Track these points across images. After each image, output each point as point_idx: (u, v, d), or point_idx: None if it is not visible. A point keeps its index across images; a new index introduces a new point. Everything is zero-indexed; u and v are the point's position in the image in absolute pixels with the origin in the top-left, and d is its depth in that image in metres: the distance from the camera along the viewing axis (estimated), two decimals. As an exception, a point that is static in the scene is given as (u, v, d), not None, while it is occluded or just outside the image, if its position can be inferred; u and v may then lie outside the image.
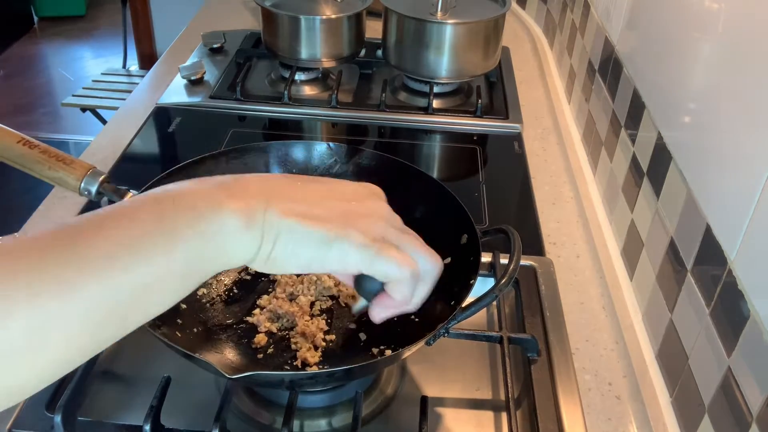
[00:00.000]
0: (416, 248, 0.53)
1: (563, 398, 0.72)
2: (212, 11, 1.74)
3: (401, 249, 0.52)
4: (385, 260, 0.50)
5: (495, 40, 1.29)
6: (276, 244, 0.47)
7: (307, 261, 0.48)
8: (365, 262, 0.50)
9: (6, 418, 0.67)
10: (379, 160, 0.86)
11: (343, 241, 0.49)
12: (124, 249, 0.41)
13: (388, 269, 0.51)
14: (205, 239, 0.44)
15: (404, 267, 0.51)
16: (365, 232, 0.50)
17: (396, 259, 0.50)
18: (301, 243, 0.48)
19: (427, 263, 0.54)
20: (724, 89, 0.70)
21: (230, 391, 0.67)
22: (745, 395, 0.59)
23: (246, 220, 0.46)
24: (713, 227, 0.68)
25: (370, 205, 0.54)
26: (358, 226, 0.50)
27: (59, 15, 4.47)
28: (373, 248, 0.49)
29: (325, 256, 0.49)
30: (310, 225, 0.48)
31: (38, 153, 0.65)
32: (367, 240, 0.49)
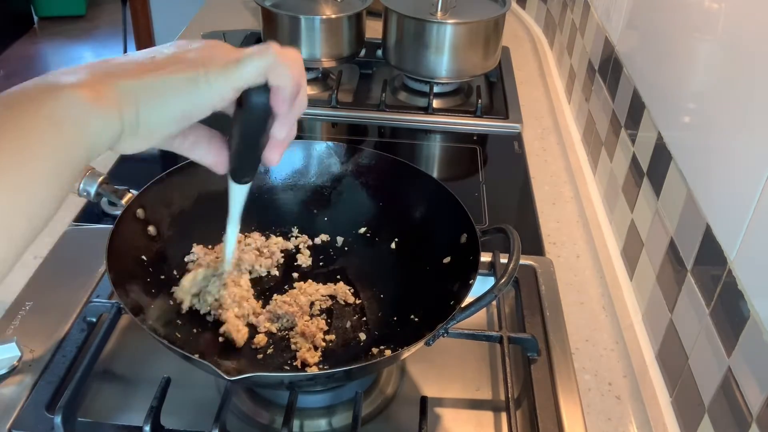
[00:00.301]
0: (263, 46, 0.52)
1: (563, 398, 0.72)
2: (212, 11, 1.74)
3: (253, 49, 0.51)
4: (247, 61, 0.49)
5: (495, 40, 1.29)
6: (140, 107, 0.45)
7: (180, 109, 0.47)
8: (233, 76, 0.49)
9: (6, 419, 0.67)
10: (379, 160, 0.86)
11: (207, 69, 0.48)
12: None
13: (255, 64, 0.49)
14: (57, 126, 0.41)
15: (265, 53, 0.50)
16: (220, 58, 0.49)
17: (254, 55, 0.50)
18: (166, 91, 0.46)
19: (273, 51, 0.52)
20: (724, 89, 0.70)
21: (230, 392, 0.67)
22: (745, 395, 0.59)
23: (91, 91, 0.43)
24: (713, 227, 0.68)
25: (211, 43, 0.51)
26: (210, 56, 0.49)
27: (59, 15, 4.47)
28: (232, 62, 0.49)
29: (196, 94, 0.47)
30: (168, 72, 0.46)
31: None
32: (224, 61, 0.49)
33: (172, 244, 0.78)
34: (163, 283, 0.75)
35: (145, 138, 0.47)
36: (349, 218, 0.87)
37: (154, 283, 0.74)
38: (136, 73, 0.46)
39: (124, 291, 0.66)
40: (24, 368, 0.72)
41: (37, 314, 0.79)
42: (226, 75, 0.48)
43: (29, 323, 0.77)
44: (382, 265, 0.84)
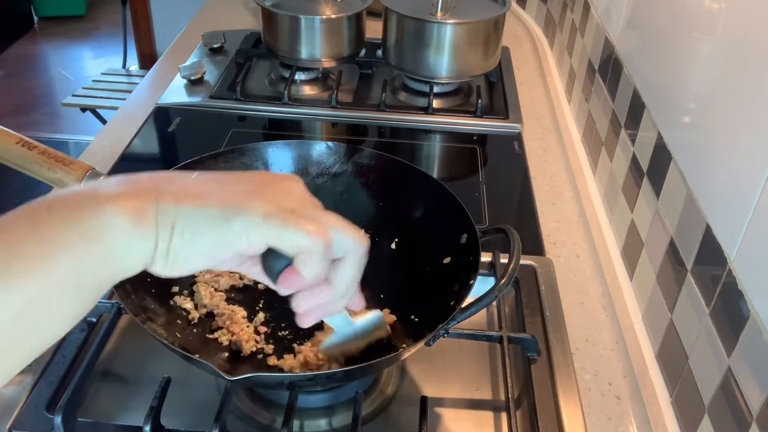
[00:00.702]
0: (334, 223, 0.48)
1: (563, 398, 0.72)
2: (212, 11, 1.74)
3: (315, 221, 0.46)
4: (294, 228, 0.44)
5: (495, 40, 1.29)
6: (173, 235, 0.42)
7: (209, 245, 0.43)
8: (270, 232, 0.44)
9: (6, 419, 0.67)
10: (378, 160, 0.86)
11: (246, 212, 0.43)
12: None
13: (297, 238, 0.45)
14: (90, 241, 0.39)
15: (315, 237, 0.45)
16: (271, 202, 0.45)
17: (306, 228, 0.45)
18: (199, 225, 0.43)
19: (347, 238, 0.48)
20: (724, 89, 0.70)
21: (230, 392, 0.67)
22: (745, 395, 0.59)
23: (135, 214, 0.41)
24: (713, 227, 0.68)
25: (281, 183, 0.48)
26: (263, 196, 0.45)
27: (59, 15, 4.47)
28: (280, 217, 0.44)
29: (227, 234, 0.43)
30: (206, 203, 0.43)
31: (37, 154, 0.65)
32: (272, 209, 0.44)
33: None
34: (163, 283, 0.75)
35: (173, 269, 0.43)
36: (349, 218, 0.86)
37: (154, 282, 0.74)
38: (179, 194, 0.43)
39: (124, 291, 0.66)
40: (24, 368, 0.72)
41: (37, 314, 0.78)
42: (262, 228, 0.44)
43: (29, 323, 0.77)
44: (382, 265, 0.84)
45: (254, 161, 0.85)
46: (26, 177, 0.70)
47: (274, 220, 0.44)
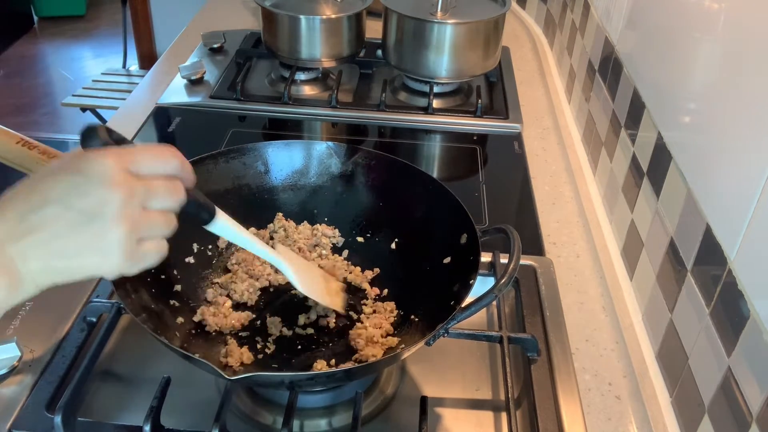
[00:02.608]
0: (162, 201, 0.52)
1: (563, 398, 0.72)
2: (212, 11, 1.74)
3: (149, 228, 0.51)
4: (143, 263, 0.52)
5: (495, 40, 1.29)
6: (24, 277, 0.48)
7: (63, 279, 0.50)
8: (129, 270, 0.51)
9: (6, 418, 0.67)
10: (378, 160, 0.86)
11: (98, 269, 0.50)
12: None
13: (150, 261, 0.52)
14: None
15: (162, 249, 0.53)
16: (111, 253, 0.50)
17: (151, 254, 0.52)
18: (57, 276, 0.49)
19: (172, 203, 0.53)
20: (723, 89, 0.70)
21: (230, 392, 0.67)
22: (745, 395, 0.59)
23: (11, 287, 0.47)
24: (713, 227, 0.68)
25: (99, 206, 0.50)
26: (102, 248, 0.49)
27: (59, 15, 4.47)
28: (126, 264, 0.50)
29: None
30: (56, 263, 0.49)
31: (37, 153, 0.65)
32: (114, 263, 0.50)
33: (172, 243, 0.78)
34: (163, 283, 0.75)
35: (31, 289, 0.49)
36: (349, 218, 0.87)
37: (154, 282, 0.74)
38: (45, 254, 0.48)
39: (124, 291, 0.66)
40: (24, 368, 0.72)
41: (37, 314, 0.79)
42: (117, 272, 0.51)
43: (29, 323, 0.77)
44: (382, 265, 0.84)
45: (254, 161, 0.85)
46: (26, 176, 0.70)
47: (124, 265, 0.51)
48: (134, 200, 0.49)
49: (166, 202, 0.52)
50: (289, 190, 0.87)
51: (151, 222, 0.51)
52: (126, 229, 0.49)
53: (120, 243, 0.49)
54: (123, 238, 0.49)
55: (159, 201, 0.52)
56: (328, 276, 0.79)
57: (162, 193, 0.52)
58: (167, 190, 0.52)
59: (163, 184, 0.52)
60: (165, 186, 0.52)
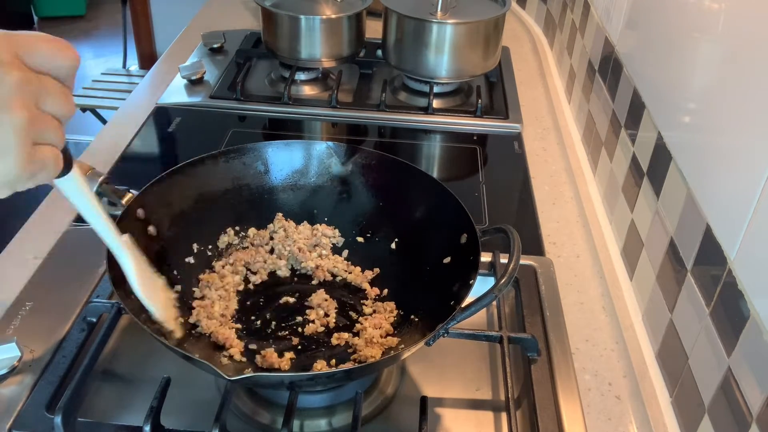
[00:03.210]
0: (56, 104, 0.45)
1: (563, 398, 0.72)
2: (212, 11, 1.74)
3: (45, 130, 0.45)
4: (42, 171, 0.45)
5: (495, 40, 1.29)
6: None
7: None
8: (24, 181, 0.45)
9: (6, 419, 0.67)
10: (378, 160, 0.86)
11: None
12: None
13: (48, 172, 0.46)
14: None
15: (58, 160, 0.46)
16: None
17: (50, 163, 0.45)
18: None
19: (65, 109, 0.46)
20: (724, 89, 0.70)
21: (230, 392, 0.67)
22: (745, 395, 0.59)
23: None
24: (713, 227, 0.68)
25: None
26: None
27: (59, 15, 4.47)
28: (24, 168, 0.43)
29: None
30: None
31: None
32: (10, 164, 0.43)
33: (172, 244, 0.78)
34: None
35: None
36: (349, 218, 0.87)
37: (154, 283, 0.74)
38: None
39: (124, 291, 0.66)
40: (24, 368, 0.72)
41: (37, 314, 0.79)
42: (14, 184, 0.45)
43: (29, 323, 0.77)
44: (382, 265, 0.84)
45: (254, 161, 0.85)
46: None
47: (21, 176, 0.44)
48: (28, 87, 0.42)
49: (59, 107, 0.45)
50: (289, 190, 0.87)
51: (47, 123, 0.44)
52: (22, 117, 0.42)
53: (16, 133, 0.42)
54: (19, 127, 0.42)
55: (53, 102, 0.45)
56: (166, 287, 0.71)
57: (56, 93, 0.45)
58: (62, 92, 0.45)
59: (57, 84, 0.45)
60: (59, 87, 0.45)
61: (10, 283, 0.83)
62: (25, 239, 0.92)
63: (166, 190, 0.78)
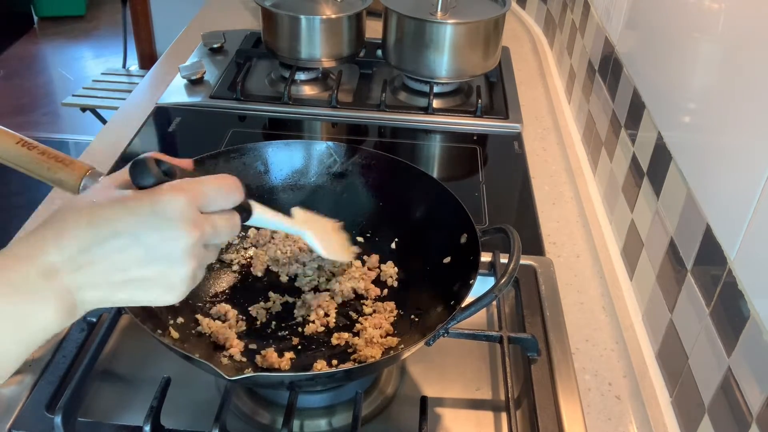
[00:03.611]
0: (223, 239, 0.54)
1: (563, 398, 0.72)
2: (212, 11, 1.74)
3: (206, 262, 0.53)
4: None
5: (495, 40, 1.29)
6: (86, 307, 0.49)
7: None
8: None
9: (6, 419, 0.67)
10: (379, 160, 0.86)
11: (157, 301, 0.51)
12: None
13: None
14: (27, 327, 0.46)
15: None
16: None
17: (199, 279, 0.53)
18: (112, 305, 0.50)
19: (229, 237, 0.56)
20: (724, 89, 0.70)
21: (230, 392, 0.67)
22: (745, 395, 0.59)
23: (61, 309, 0.47)
24: (713, 227, 0.68)
25: (170, 244, 0.50)
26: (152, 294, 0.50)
27: (59, 15, 4.47)
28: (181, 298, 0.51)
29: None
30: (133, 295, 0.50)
31: (37, 154, 0.65)
32: (174, 297, 0.51)
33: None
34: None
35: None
36: (349, 218, 0.87)
37: (154, 283, 0.74)
38: (105, 286, 0.48)
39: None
40: (24, 368, 0.72)
41: (37, 314, 0.78)
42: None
43: (29, 323, 0.77)
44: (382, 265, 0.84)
45: (254, 161, 0.85)
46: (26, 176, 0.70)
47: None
48: (203, 240, 0.50)
49: (226, 239, 0.54)
50: (289, 190, 0.87)
51: (209, 255, 0.53)
52: (193, 267, 0.50)
53: (185, 280, 0.50)
54: (189, 276, 0.50)
55: (221, 239, 0.53)
56: (336, 227, 0.78)
57: (225, 232, 0.53)
58: (230, 228, 0.53)
59: (227, 224, 0.53)
60: (228, 225, 0.53)
61: (10, 283, 0.83)
62: (25, 239, 0.92)
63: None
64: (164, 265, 0.49)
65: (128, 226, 0.47)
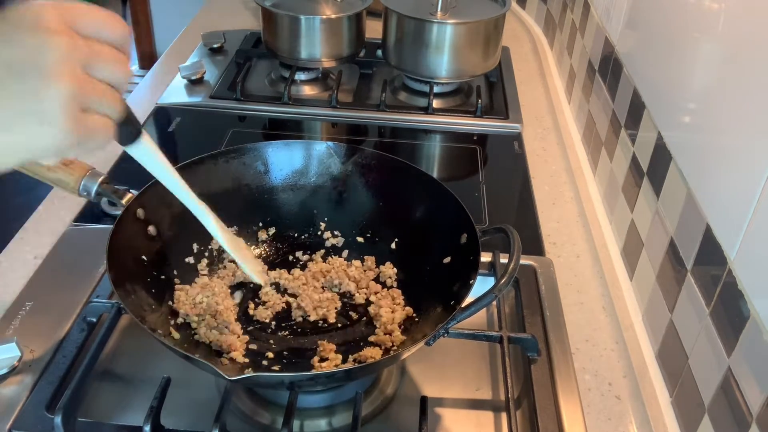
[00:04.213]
0: (109, 70, 0.44)
1: (563, 398, 0.72)
2: (212, 11, 1.74)
3: (94, 97, 0.44)
4: (90, 140, 0.44)
5: (495, 40, 1.29)
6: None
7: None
8: (72, 149, 0.44)
9: (6, 419, 0.67)
10: (378, 160, 0.86)
11: (38, 140, 0.42)
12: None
13: (98, 141, 0.44)
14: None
15: (110, 129, 0.45)
16: (52, 123, 0.41)
17: (100, 131, 0.44)
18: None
19: (118, 75, 0.45)
20: (723, 89, 0.70)
21: (230, 392, 0.67)
22: (745, 395, 0.59)
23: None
24: (713, 227, 0.68)
25: (32, 55, 0.41)
26: (40, 118, 0.41)
27: (59, 15, 4.47)
28: (70, 136, 0.42)
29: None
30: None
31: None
32: (56, 132, 0.42)
33: (172, 244, 0.78)
34: (163, 283, 0.75)
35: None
36: (349, 218, 0.87)
37: (154, 283, 0.74)
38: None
39: (124, 291, 0.66)
40: (24, 368, 0.72)
41: (37, 314, 0.79)
42: (58, 152, 0.44)
43: (29, 323, 0.77)
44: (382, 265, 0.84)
45: (254, 161, 0.85)
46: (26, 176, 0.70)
47: (65, 143, 0.43)
48: (75, 54, 0.41)
49: (112, 73, 0.44)
50: (289, 190, 0.87)
51: (96, 90, 0.43)
52: (67, 85, 0.41)
53: (61, 102, 0.41)
54: (64, 96, 0.41)
55: (104, 68, 0.44)
56: (246, 245, 0.75)
57: (108, 58, 0.43)
58: (114, 57, 0.44)
59: (109, 50, 0.44)
60: (111, 52, 0.44)
61: (10, 283, 0.83)
62: (25, 239, 0.92)
63: (166, 190, 0.78)
64: (30, 84, 0.40)
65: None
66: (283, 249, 0.86)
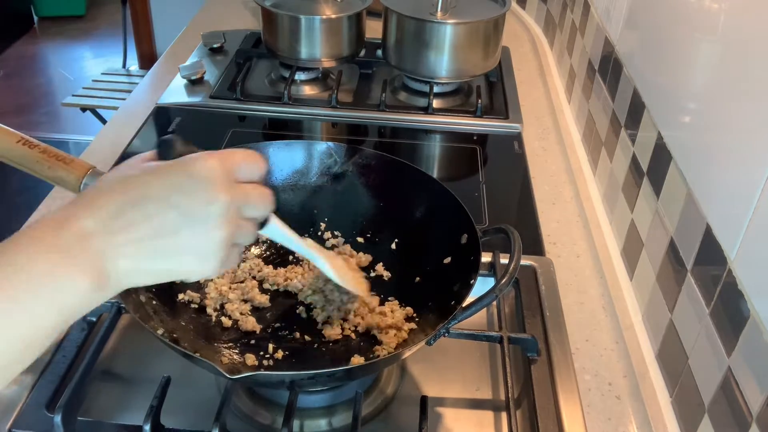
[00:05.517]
0: (255, 210, 0.53)
1: (563, 398, 0.72)
2: (212, 11, 1.74)
3: (241, 235, 0.52)
4: (229, 265, 0.52)
5: (495, 40, 1.29)
6: (121, 282, 0.48)
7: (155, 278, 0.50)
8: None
9: (6, 418, 0.67)
10: (379, 160, 0.86)
11: (191, 271, 0.50)
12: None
13: (233, 264, 0.53)
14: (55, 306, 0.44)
15: (241, 256, 0.54)
16: (203, 260, 0.50)
17: (236, 258, 0.53)
18: (143, 278, 0.49)
19: (263, 211, 0.55)
20: (723, 89, 0.70)
21: (230, 391, 0.67)
22: (745, 395, 0.59)
23: (92, 278, 0.45)
24: (713, 227, 0.68)
25: (204, 207, 0.49)
26: (193, 253, 0.49)
27: (59, 15, 4.47)
28: (218, 270, 0.51)
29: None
30: (148, 272, 0.49)
31: (38, 153, 0.65)
32: (210, 267, 0.50)
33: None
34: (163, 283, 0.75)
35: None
36: (350, 218, 0.87)
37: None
38: (137, 253, 0.47)
39: (124, 291, 0.66)
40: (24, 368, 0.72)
41: (38, 314, 0.78)
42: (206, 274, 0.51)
43: (29, 323, 0.77)
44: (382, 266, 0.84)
45: (254, 161, 0.85)
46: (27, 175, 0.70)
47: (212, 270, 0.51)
48: (234, 204, 0.49)
49: (258, 211, 0.53)
50: (290, 190, 0.87)
51: (243, 229, 0.52)
52: (228, 233, 0.49)
53: (220, 246, 0.49)
54: (223, 242, 0.49)
55: (253, 209, 0.52)
56: (351, 263, 0.80)
57: (256, 201, 0.52)
58: (261, 198, 0.53)
59: (258, 192, 0.52)
60: (260, 194, 0.52)
61: (10, 282, 0.83)
62: (25, 239, 0.92)
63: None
64: (197, 229, 0.47)
65: (160, 190, 0.47)
66: (283, 249, 0.86)
